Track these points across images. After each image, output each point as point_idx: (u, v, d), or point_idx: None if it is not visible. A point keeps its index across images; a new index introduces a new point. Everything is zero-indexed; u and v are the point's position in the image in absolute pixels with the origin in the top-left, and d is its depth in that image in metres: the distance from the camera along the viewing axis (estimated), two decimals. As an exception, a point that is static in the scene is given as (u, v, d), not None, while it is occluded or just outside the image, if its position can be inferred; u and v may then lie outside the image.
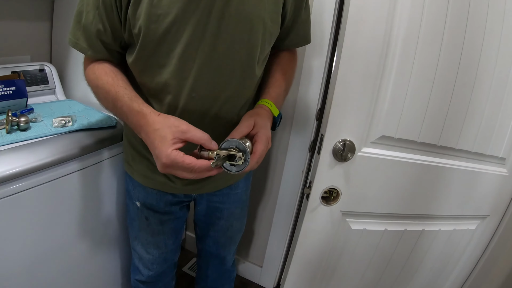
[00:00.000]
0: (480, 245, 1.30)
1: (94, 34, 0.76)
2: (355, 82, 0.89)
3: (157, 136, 0.66)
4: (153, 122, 0.68)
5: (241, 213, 1.12)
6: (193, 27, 0.72)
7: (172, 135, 0.65)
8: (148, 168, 0.93)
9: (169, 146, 0.64)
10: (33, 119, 1.06)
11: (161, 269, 1.10)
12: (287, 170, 1.48)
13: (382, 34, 0.86)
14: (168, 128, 0.65)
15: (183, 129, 0.65)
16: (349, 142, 0.94)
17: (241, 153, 0.66)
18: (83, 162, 1.02)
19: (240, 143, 0.67)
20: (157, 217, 1.00)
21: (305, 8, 0.89)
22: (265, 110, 0.82)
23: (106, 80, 0.76)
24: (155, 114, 0.69)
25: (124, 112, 0.73)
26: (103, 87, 0.76)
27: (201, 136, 0.66)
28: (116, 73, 0.78)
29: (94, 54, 0.79)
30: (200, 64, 0.76)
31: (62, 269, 1.08)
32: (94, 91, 0.81)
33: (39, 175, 0.91)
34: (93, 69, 0.80)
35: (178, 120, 0.67)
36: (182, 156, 0.63)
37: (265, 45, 0.82)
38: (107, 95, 0.75)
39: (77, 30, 0.78)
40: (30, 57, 1.43)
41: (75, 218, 1.06)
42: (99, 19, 0.74)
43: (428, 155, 1.03)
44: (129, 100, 0.72)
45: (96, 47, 0.78)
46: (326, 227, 1.08)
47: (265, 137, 0.73)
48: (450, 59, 0.92)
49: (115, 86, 0.75)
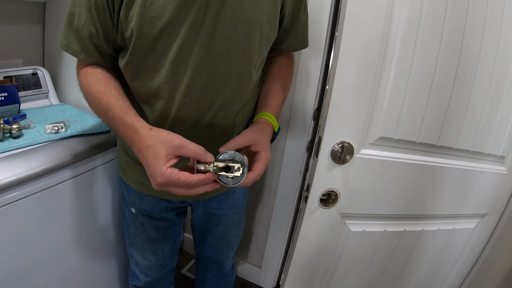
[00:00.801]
0: (480, 244, 1.30)
1: (86, 37, 0.73)
2: (353, 83, 0.88)
3: (150, 153, 0.63)
4: (145, 137, 0.65)
5: (239, 218, 1.10)
6: (187, 30, 0.70)
7: (166, 151, 0.61)
8: (142, 174, 0.91)
9: (163, 164, 0.61)
10: (25, 125, 1.05)
11: (158, 275, 1.09)
12: (285, 171, 1.47)
13: (380, 34, 0.85)
14: (162, 144, 0.62)
15: (177, 144, 0.62)
16: (348, 144, 0.93)
17: (239, 164, 0.64)
18: (77, 169, 1.00)
19: (238, 155, 0.65)
20: (153, 223, 0.99)
21: (304, 10, 0.87)
22: (269, 126, 0.81)
23: (98, 88, 0.74)
24: (147, 128, 0.66)
25: (115, 124, 0.71)
26: (95, 95, 0.74)
27: (196, 150, 0.63)
28: (109, 80, 0.76)
29: (87, 58, 0.77)
30: (193, 68, 0.73)
31: (59, 277, 1.06)
32: (86, 98, 0.79)
33: (33, 184, 0.89)
34: (85, 75, 0.77)
35: (171, 134, 0.64)
36: (177, 173, 0.60)
37: (262, 48, 0.80)
38: (98, 103, 0.73)
39: (69, 33, 0.75)
40: (22, 61, 1.40)
41: (70, 226, 1.04)
42: (92, 21, 0.72)
43: (427, 155, 1.02)
44: (120, 112, 0.69)
45: (89, 50, 0.75)
46: (325, 230, 1.07)
47: (266, 159, 0.71)
48: (449, 59, 0.91)
49: (107, 95, 0.72)
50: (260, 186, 1.58)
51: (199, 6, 0.69)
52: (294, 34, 0.89)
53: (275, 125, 0.83)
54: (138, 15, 0.68)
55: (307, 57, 1.24)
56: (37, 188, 0.90)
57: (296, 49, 0.96)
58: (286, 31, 0.87)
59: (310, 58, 1.24)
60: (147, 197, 0.95)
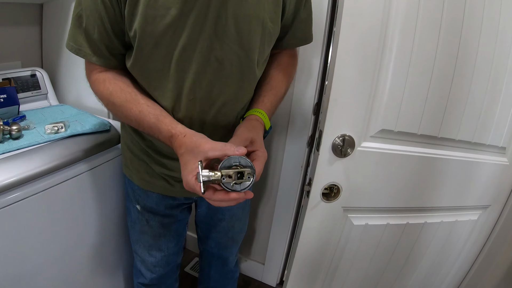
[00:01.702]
0: (482, 235, 1.30)
1: (97, 38, 0.72)
2: (352, 76, 0.88)
3: (182, 161, 0.66)
4: (179, 146, 0.67)
5: (243, 213, 1.10)
6: (190, 29, 0.70)
7: (195, 159, 0.63)
8: (146, 172, 0.92)
9: (189, 173, 0.63)
10: (25, 126, 1.04)
11: (163, 272, 1.09)
12: (286, 166, 1.46)
13: (379, 27, 0.84)
14: (190, 152, 0.65)
15: (204, 149, 0.63)
16: (348, 137, 0.92)
17: (249, 169, 0.61)
18: (78, 168, 1.00)
19: (244, 158, 0.62)
20: (158, 220, 0.99)
21: (305, 6, 0.85)
22: (261, 124, 0.79)
23: (124, 98, 0.74)
24: (182, 135, 0.68)
25: (152, 132, 0.73)
26: (123, 105, 0.74)
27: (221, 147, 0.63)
28: (130, 86, 0.76)
29: (99, 60, 0.75)
30: (197, 66, 0.73)
31: (63, 277, 1.06)
32: (109, 108, 0.79)
33: (34, 184, 0.89)
34: (104, 84, 0.76)
35: (200, 139, 0.66)
36: (199, 186, 0.60)
37: (265, 46, 0.79)
38: (128, 113, 0.74)
39: (79, 35, 0.73)
40: (20, 62, 1.40)
41: (73, 225, 1.04)
42: (101, 22, 0.70)
43: (428, 147, 1.02)
44: (156, 120, 0.71)
45: (101, 52, 0.74)
46: (328, 224, 1.07)
47: (263, 157, 0.70)
48: (448, 50, 0.90)
49: (136, 104, 0.73)
50: (261, 183, 1.58)
51: (200, 5, 0.68)
52: (295, 30, 0.88)
53: (267, 123, 0.81)
54: (142, 14, 0.67)
55: (306, 51, 1.23)
56: (38, 189, 0.90)
57: (297, 45, 0.95)
58: (287, 27, 0.86)
59: (309, 53, 1.24)
60: (152, 194, 0.95)
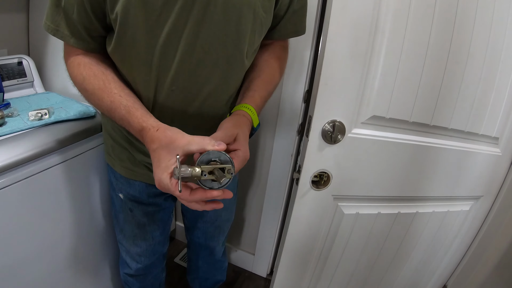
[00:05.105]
0: (474, 226, 1.30)
1: (76, 19, 0.68)
2: (343, 60, 0.85)
3: (154, 158, 0.61)
4: (151, 140, 0.62)
5: (230, 202, 1.08)
6: (176, 15, 0.66)
7: (169, 157, 0.59)
8: (128, 159, 0.89)
9: (163, 171, 0.59)
10: (9, 114, 1.02)
11: (149, 262, 1.07)
12: (276, 155, 1.45)
13: (371, 9, 0.82)
14: (165, 148, 0.60)
15: (181, 144, 0.59)
16: (339, 123, 0.90)
17: (230, 165, 0.57)
18: (62, 155, 0.97)
19: (224, 154, 0.58)
20: (142, 208, 0.97)
21: None
22: (248, 120, 0.73)
23: (97, 85, 0.70)
24: (154, 129, 0.63)
25: (123, 124, 0.69)
26: (94, 93, 0.70)
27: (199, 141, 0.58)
28: (105, 73, 0.71)
29: (77, 42, 0.71)
30: (181, 55, 0.70)
31: (49, 267, 1.04)
32: (83, 94, 0.74)
33: (16, 171, 0.86)
34: (79, 69, 0.72)
35: (175, 134, 0.61)
36: (174, 185, 0.58)
37: (255, 36, 0.76)
38: (100, 102, 0.70)
39: (57, 15, 0.68)
40: (6, 50, 1.37)
41: (58, 213, 1.02)
42: (81, 1, 0.65)
43: (420, 135, 1.00)
44: (126, 113, 0.67)
45: (80, 34, 0.70)
46: (318, 213, 1.05)
47: (243, 158, 0.65)
48: (442, 35, 0.88)
49: (108, 93, 0.69)
50: (251, 172, 1.56)
51: None
52: (288, 21, 0.84)
53: (255, 119, 0.76)
54: None
55: (296, 38, 1.21)
56: (21, 176, 0.88)
57: (289, 36, 0.91)
58: (279, 17, 0.82)
59: (299, 38, 1.21)
60: (135, 182, 0.92)
